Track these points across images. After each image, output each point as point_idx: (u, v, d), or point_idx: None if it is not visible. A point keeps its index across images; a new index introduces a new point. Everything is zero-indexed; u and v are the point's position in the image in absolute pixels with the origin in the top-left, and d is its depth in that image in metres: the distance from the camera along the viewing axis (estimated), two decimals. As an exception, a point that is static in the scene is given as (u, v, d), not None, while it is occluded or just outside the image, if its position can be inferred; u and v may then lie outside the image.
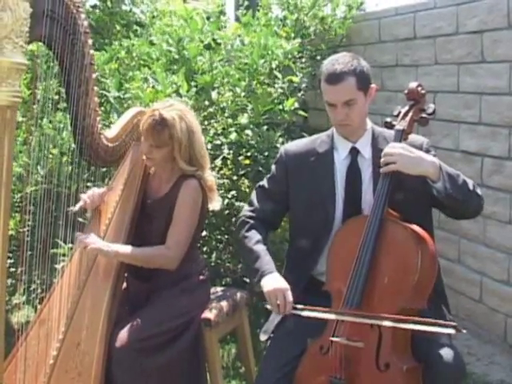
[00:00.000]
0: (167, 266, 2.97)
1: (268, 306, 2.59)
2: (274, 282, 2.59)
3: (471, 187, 2.54)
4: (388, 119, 2.67)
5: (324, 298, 2.56)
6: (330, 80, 2.60)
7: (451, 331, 2.29)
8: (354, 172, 2.70)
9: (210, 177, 3.11)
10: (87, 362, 2.72)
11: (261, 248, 2.73)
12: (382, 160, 2.51)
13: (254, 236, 2.78)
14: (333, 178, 2.71)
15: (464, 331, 2.29)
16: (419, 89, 2.67)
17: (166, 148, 2.97)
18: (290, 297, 2.54)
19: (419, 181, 2.50)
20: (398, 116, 2.68)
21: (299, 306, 2.54)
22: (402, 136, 2.59)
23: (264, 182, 2.91)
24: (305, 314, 2.52)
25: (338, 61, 2.61)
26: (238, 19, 5.46)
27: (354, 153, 2.71)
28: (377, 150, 2.66)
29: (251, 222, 2.83)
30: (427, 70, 4.69)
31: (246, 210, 2.91)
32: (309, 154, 2.78)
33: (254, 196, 2.91)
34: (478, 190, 2.58)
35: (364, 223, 2.52)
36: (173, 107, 2.99)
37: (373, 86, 2.68)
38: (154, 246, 2.96)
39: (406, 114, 2.66)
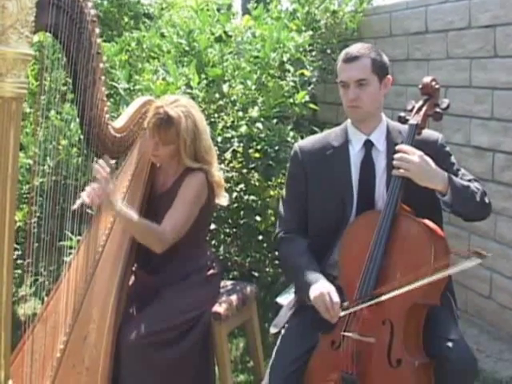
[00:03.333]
0: (154, 247, 2.89)
1: (280, 301, 2.55)
2: (318, 287, 2.52)
3: (478, 198, 2.55)
4: (402, 114, 2.65)
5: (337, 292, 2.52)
6: (345, 59, 2.65)
7: (478, 261, 2.27)
8: (367, 164, 2.69)
9: (218, 172, 3.08)
10: (94, 355, 2.70)
11: (302, 261, 2.67)
12: (396, 163, 2.48)
13: (293, 250, 2.73)
14: (349, 171, 2.70)
15: (488, 254, 2.28)
16: (433, 83, 2.66)
17: (172, 145, 2.95)
18: (335, 297, 2.47)
19: None
20: (411, 110, 2.65)
21: (345, 304, 2.47)
22: (415, 131, 2.57)
23: (286, 189, 2.88)
24: (352, 310, 2.46)
25: (358, 46, 2.68)
26: (246, 12, 5.41)
27: (369, 145, 2.70)
28: (391, 144, 2.66)
29: (286, 236, 2.79)
30: (439, 64, 4.65)
31: (278, 225, 2.87)
32: (324, 148, 2.76)
33: (281, 208, 2.87)
34: (486, 199, 2.60)
35: (376, 218, 2.51)
36: (177, 103, 2.96)
37: (389, 76, 2.69)
38: (152, 223, 2.89)
39: (419, 109, 2.64)
